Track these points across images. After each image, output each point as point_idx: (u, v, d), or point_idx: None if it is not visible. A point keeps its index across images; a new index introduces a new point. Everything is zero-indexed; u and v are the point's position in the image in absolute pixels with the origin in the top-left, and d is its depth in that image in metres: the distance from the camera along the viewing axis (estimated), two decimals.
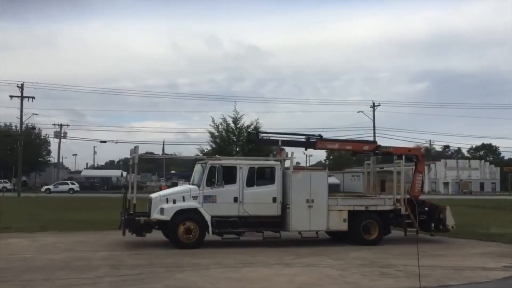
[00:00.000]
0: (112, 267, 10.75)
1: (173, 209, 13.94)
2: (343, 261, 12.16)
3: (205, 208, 14.13)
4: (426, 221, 16.02)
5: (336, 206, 15.05)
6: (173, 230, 13.89)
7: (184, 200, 14.26)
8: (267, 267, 11.24)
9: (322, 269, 11.05)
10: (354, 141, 18.18)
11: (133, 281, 9.37)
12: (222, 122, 27.46)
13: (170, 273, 10.19)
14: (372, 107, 64.08)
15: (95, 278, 9.59)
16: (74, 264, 10.99)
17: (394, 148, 17.49)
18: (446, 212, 16.10)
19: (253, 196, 14.54)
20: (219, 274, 10.28)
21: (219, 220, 14.21)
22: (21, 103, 54.26)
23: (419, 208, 15.85)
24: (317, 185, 14.94)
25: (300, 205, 14.62)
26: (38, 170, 77.29)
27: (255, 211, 14.47)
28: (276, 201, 14.67)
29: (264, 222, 14.61)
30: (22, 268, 10.46)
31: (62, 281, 9.22)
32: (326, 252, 13.47)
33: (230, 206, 14.32)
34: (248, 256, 12.56)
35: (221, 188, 14.34)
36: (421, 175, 16.86)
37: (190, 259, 11.97)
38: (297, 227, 14.73)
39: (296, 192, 14.68)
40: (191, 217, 14.04)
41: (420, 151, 18.01)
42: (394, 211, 15.63)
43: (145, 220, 14.02)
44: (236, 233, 14.51)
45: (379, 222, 15.34)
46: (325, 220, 14.85)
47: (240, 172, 14.59)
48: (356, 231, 15.11)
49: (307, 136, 16.82)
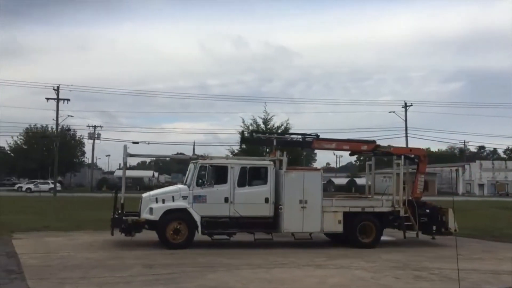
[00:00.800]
0: (145, 266, 10.92)
1: (161, 209, 13.92)
2: (375, 263, 12.00)
3: (195, 208, 14.02)
4: (427, 223, 15.57)
5: (331, 207, 14.68)
6: (161, 230, 13.79)
7: (174, 200, 14.18)
8: (298, 268, 11.21)
9: (354, 271, 10.93)
10: (352, 141, 17.66)
11: (165, 280, 9.49)
12: (252, 123, 27.51)
13: (201, 273, 10.28)
14: (404, 107, 63.03)
15: (128, 277, 9.76)
16: (109, 263, 11.22)
17: (395, 148, 16.99)
18: (448, 215, 15.53)
19: (245, 196, 14.31)
20: (250, 274, 10.31)
21: (209, 221, 14.06)
22: (57, 105, 55.86)
23: (420, 210, 15.46)
24: (311, 186, 14.58)
25: (293, 205, 14.33)
26: (73, 170, 79.21)
27: (247, 211, 14.26)
28: (269, 201, 14.40)
29: (256, 223, 14.38)
30: (59, 266, 10.74)
31: (98, 279, 9.43)
32: (358, 254, 13.31)
33: (220, 206, 14.12)
34: (279, 257, 12.55)
35: (211, 188, 14.19)
36: (423, 176, 16.40)
37: (221, 259, 12.05)
38: (290, 228, 14.46)
39: (289, 193, 14.39)
40: (179, 217, 13.95)
41: (422, 151, 17.25)
42: (393, 213, 15.23)
43: (132, 219, 14.10)
44: (226, 234, 14.33)
45: (376, 224, 14.96)
46: (319, 221, 14.50)
47: (232, 172, 14.40)
48: (352, 233, 14.77)
49: (303, 135, 16.44)
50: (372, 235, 14.86)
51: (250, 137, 15.95)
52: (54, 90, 55.56)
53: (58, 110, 56.11)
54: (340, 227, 14.66)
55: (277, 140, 15.75)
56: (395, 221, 15.26)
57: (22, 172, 71.39)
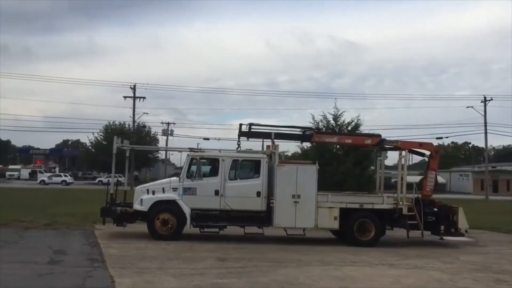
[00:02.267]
0: (218, 259, 11.20)
1: (151, 200, 14.09)
2: (453, 264, 11.52)
3: (185, 200, 14.02)
4: (435, 223, 14.60)
5: (326, 203, 14.13)
6: (150, 221, 13.95)
7: (164, 191, 14.27)
8: (370, 266, 11.01)
9: (430, 272, 10.55)
10: (355, 135, 16.65)
11: (237, 274, 9.68)
12: (322, 119, 27.23)
13: (272, 268, 10.37)
14: (484, 101, 59.59)
15: (202, 269, 10.05)
16: (184, 255, 11.61)
17: (403, 143, 15.98)
18: (458, 214, 14.49)
19: (236, 189, 14.12)
20: (321, 271, 10.26)
21: (199, 213, 14.02)
22: (133, 103, 58.53)
23: (427, 208, 14.55)
24: (305, 180, 14.08)
25: (285, 200, 13.93)
26: (148, 165, 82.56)
27: (238, 205, 14.06)
28: (261, 195, 14.09)
29: (248, 217, 14.14)
30: (137, 256, 11.26)
31: (174, 270, 9.79)
32: (434, 255, 12.86)
33: (211, 199, 14.02)
34: (350, 255, 12.39)
35: (201, 181, 14.14)
36: (434, 173, 15.42)
37: (292, 255, 12.09)
38: (281, 223, 14.08)
39: (281, 187, 14.01)
40: (168, 208, 14.01)
41: (433, 146, 16.04)
42: (395, 211, 14.39)
43: (121, 210, 14.32)
44: (217, 227, 14.20)
45: (375, 222, 14.20)
46: (313, 217, 14.00)
47: (223, 164, 14.24)
48: (349, 230, 14.15)
49: (303, 128, 15.82)
50: (371, 233, 14.20)
51: (248, 130, 15.29)
52: (131, 88, 58.28)
53: (135, 108, 58.78)
54: (336, 224, 14.14)
55: (276, 133, 15.27)
56: (397, 219, 14.49)
57: (102, 166, 75.42)
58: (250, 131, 15.27)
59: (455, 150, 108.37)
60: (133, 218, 14.50)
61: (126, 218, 14.43)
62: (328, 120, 26.56)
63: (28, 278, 8.81)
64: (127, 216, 14.41)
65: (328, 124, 25.99)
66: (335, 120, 26.19)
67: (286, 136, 15.68)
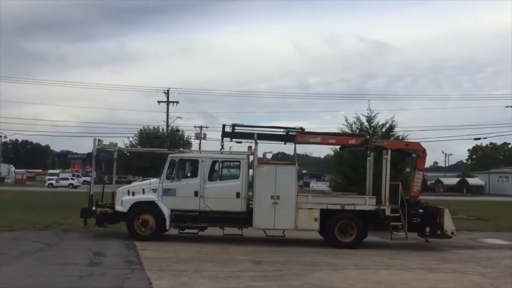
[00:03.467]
0: (253, 262, 11.22)
1: (130, 201, 14.19)
2: (494, 269, 11.19)
3: (164, 201, 14.05)
4: (420, 224, 14.08)
5: (306, 204, 13.87)
6: (129, 222, 14.03)
7: (144, 192, 14.35)
8: (407, 270, 10.81)
9: (470, 276, 10.28)
10: (339, 134, 16.20)
11: (273, 277, 9.68)
12: (356, 121, 26.89)
13: (307, 271, 10.33)
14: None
15: (238, 272, 10.10)
16: (219, 258, 11.68)
17: (389, 142, 15.54)
18: (444, 216, 13.91)
19: (215, 190, 14.07)
20: (357, 275, 10.15)
21: (178, 214, 14.02)
22: (167, 107, 59.56)
23: (412, 210, 14.05)
24: (284, 181, 13.87)
25: (264, 201, 13.76)
26: None
27: (217, 206, 13.99)
28: (240, 196, 13.98)
29: (227, 218, 14.06)
30: (173, 258, 11.41)
31: (209, 273, 9.87)
32: (474, 259, 12.53)
33: (190, 200, 14.01)
34: (386, 259, 12.21)
35: (181, 182, 14.14)
36: (421, 173, 14.92)
37: (326, 258, 12.01)
38: (260, 224, 13.89)
39: (260, 188, 13.85)
40: (147, 209, 14.05)
41: (420, 146, 15.48)
42: (377, 212, 13.93)
43: (101, 211, 14.39)
44: (196, 228, 14.14)
45: (357, 223, 13.81)
46: (292, 218, 13.76)
47: (202, 165, 14.18)
48: (330, 232, 13.82)
49: (286, 129, 15.39)
50: (353, 235, 13.85)
51: (232, 131, 15.06)
52: (164, 93, 59.24)
53: (168, 112, 59.67)
54: (316, 225, 13.91)
55: (259, 134, 14.98)
56: (380, 220, 14.06)
57: (137, 170, 76.78)
58: (234, 132, 15.14)
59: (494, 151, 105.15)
60: (114, 219, 14.69)
61: (108, 218, 14.66)
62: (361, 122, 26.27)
63: (69, 279, 9.05)
64: (108, 217, 14.63)
65: (362, 126, 25.68)
66: (369, 122, 25.86)
67: (269, 136, 15.46)
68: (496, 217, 25.46)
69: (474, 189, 71.65)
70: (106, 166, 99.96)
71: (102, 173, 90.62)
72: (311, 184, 67.93)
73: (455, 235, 14.27)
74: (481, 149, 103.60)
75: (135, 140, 75.08)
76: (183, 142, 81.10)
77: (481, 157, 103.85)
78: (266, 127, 15.94)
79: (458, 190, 71.25)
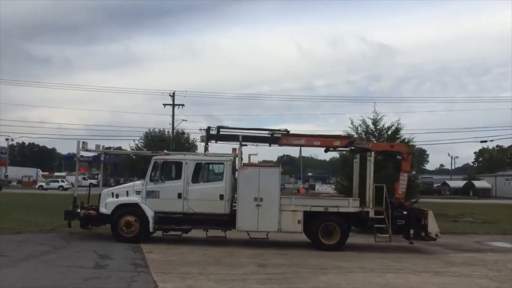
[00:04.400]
0: (259, 265, 11.22)
1: (114, 203, 14.26)
2: (500, 272, 11.13)
3: (148, 203, 14.10)
4: (404, 226, 14.01)
5: (290, 206, 13.85)
6: (113, 224, 14.10)
7: (128, 195, 14.39)
8: (413, 274, 10.76)
9: (476, 279, 10.23)
10: (323, 136, 16.22)
11: (278, 280, 9.66)
12: (362, 123, 26.80)
13: (313, 275, 10.31)
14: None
15: (243, 274, 10.10)
16: (224, 260, 11.69)
17: (374, 144, 15.55)
18: (428, 218, 13.84)
19: (199, 192, 14.09)
20: (363, 278, 10.12)
21: (162, 216, 14.04)
22: (172, 110, 59.58)
23: (396, 212, 13.98)
24: (267, 183, 13.87)
25: (247, 203, 13.74)
26: None
27: (201, 208, 14.01)
28: (224, 198, 13.99)
29: (211, 219, 14.07)
30: (179, 261, 11.43)
31: (215, 276, 9.87)
32: (481, 262, 12.46)
33: (174, 202, 14.03)
34: (392, 262, 12.16)
35: (164, 184, 14.17)
36: (406, 175, 14.84)
37: (332, 261, 11.97)
38: (244, 227, 13.88)
39: (243, 190, 13.83)
40: (131, 211, 14.08)
41: (404, 147, 15.42)
42: (361, 214, 13.86)
43: (84, 213, 14.43)
44: (180, 230, 14.17)
45: (341, 225, 13.76)
46: (276, 220, 13.73)
47: (186, 167, 14.19)
48: (313, 234, 13.77)
49: (271, 131, 15.34)
50: (337, 237, 13.80)
51: (217, 133, 15.02)
52: (170, 96, 59.33)
53: (174, 115, 59.79)
54: (300, 227, 13.88)
55: (244, 136, 14.99)
56: (364, 222, 14.03)
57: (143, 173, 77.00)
58: (219, 134, 15.15)
59: (501, 153, 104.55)
60: (98, 221, 14.74)
61: (92, 221, 14.72)
62: (367, 125, 26.20)
63: (75, 282, 9.07)
64: (92, 219, 14.67)
65: (368, 128, 25.61)
66: (375, 124, 25.78)
67: (254, 138, 15.42)
68: (503, 220, 25.34)
69: (480, 192, 71.27)
70: (112, 169, 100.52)
71: (108, 175, 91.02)
72: (316, 186, 67.81)
73: (439, 237, 14.25)
74: (487, 151, 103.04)
75: (141, 143, 75.39)
76: (189, 145, 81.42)
77: (488, 159, 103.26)
78: (251, 129, 15.93)
79: (464, 193, 70.90)
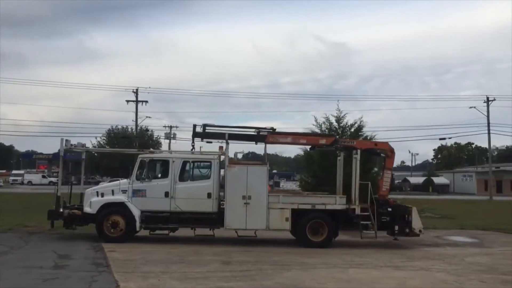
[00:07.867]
0: (223, 262, 11.17)
1: (99, 203, 14.06)
2: (458, 266, 11.47)
3: (134, 202, 14.00)
4: (389, 223, 14.48)
5: (278, 204, 14.05)
6: (98, 224, 13.89)
7: (113, 193, 14.21)
8: (375, 269, 10.96)
9: (435, 273, 10.51)
10: (309, 134, 16.65)
11: (242, 277, 9.65)
12: (325, 121, 27.12)
13: (277, 271, 10.34)
14: (486, 102, 59.38)
15: (207, 272, 10.04)
16: (189, 259, 11.59)
17: (358, 142, 15.99)
18: (412, 214, 14.37)
19: (186, 191, 14.06)
20: (326, 274, 10.23)
21: (149, 215, 13.98)
22: (136, 107, 58.53)
23: (381, 208, 14.42)
24: (255, 181, 13.98)
25: (235, 201, 13.84)
26: None
27: (188, 206, 14.01)
28: (212, 196, 14.05)
29: (198, 218, 14.07)
30: (142, 260, 11.23)
31: (178, 274, 9.77)
32: (439, 256, 12.81)
33: (161, 201, 13.97)
34: (356, 257, 12.35)
35: (151, 182, 14.12)
36: (389, 173, 15.32)
37: (297, 258, 12.06)
38: (232, 225, 14.00)
39: (231, 188, 13.94)
40: (117, 211, 13.95)
41: (388, 145, 15.97)
42: (347, 211, 14.26)
43: (69, 213, 14.21)
44: (167, 229, 14.13)
45: (328, 222, 14.07)
46: (264, 218, 13.90)
47: (173, 166, 14.18)
48: (301, 231, 14.05)
49: (257, 129, 15.53)
50: (324, 234, 14.08)
51: (203, 131, 15.10)
52: (133, 92, 58.30)
53: (137, 112, 58.85)
54: (288, 225, 14.04)
55: (230, 134, 15.03)
56: (350, 219, 14.36)
57: (105, 170, 75.48)
58: (205, 132, 15.05)
59: (459, 150, 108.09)
60: (83, 221, 14.40)
61: (76, 220, 14.35)
62: (331, 122, 26.54)
63: (34, 283, 8.80)
64: (77, 219, 14.32)
65: (331, 126, 25.94)
66: (338, 122, 26.13)
67: (240, 136, 15.47)
68: (461, 215, 26.20)
69: (439, 188, 73.58)
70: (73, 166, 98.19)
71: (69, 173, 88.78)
72: (281, 183, 68.30)
73: (422, 233, 14.59)
74: (446, 149, 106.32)
75: (103, 140, 73.91)
76: (153, 142, 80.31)
77: (446, 156, 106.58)
78: (237, 127, 15.87)
79: (424, 189, 72.97)
